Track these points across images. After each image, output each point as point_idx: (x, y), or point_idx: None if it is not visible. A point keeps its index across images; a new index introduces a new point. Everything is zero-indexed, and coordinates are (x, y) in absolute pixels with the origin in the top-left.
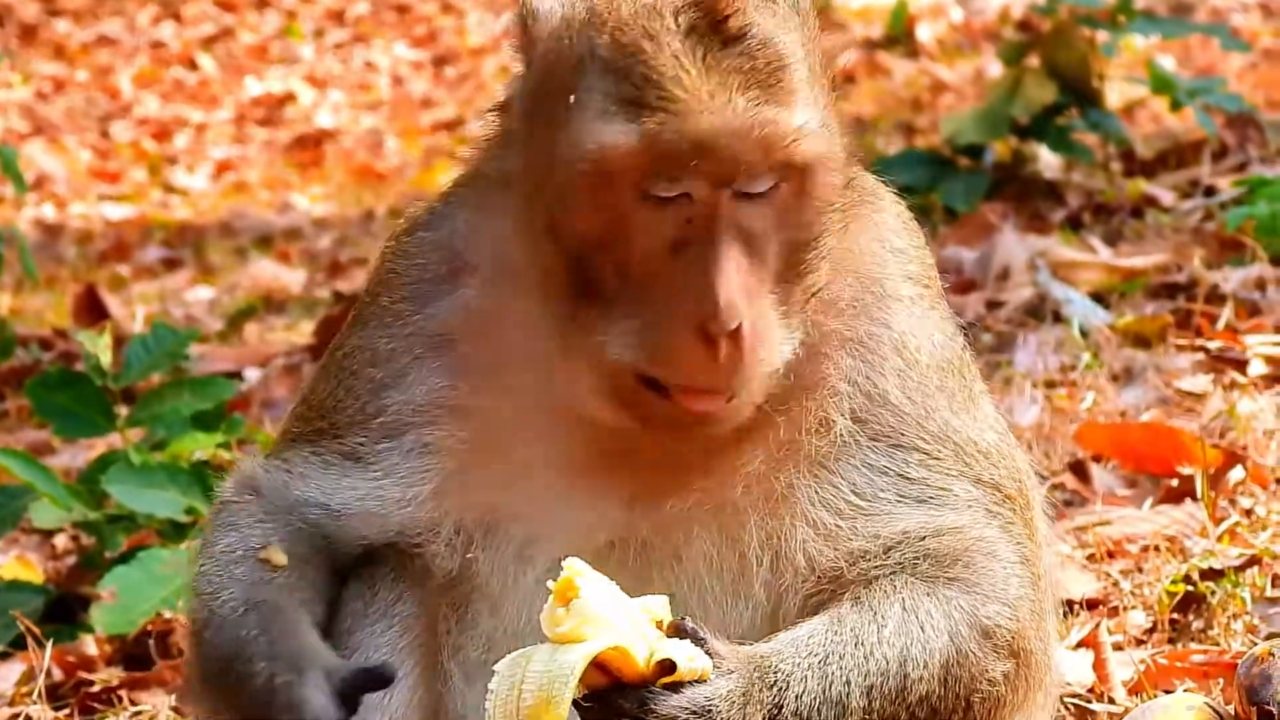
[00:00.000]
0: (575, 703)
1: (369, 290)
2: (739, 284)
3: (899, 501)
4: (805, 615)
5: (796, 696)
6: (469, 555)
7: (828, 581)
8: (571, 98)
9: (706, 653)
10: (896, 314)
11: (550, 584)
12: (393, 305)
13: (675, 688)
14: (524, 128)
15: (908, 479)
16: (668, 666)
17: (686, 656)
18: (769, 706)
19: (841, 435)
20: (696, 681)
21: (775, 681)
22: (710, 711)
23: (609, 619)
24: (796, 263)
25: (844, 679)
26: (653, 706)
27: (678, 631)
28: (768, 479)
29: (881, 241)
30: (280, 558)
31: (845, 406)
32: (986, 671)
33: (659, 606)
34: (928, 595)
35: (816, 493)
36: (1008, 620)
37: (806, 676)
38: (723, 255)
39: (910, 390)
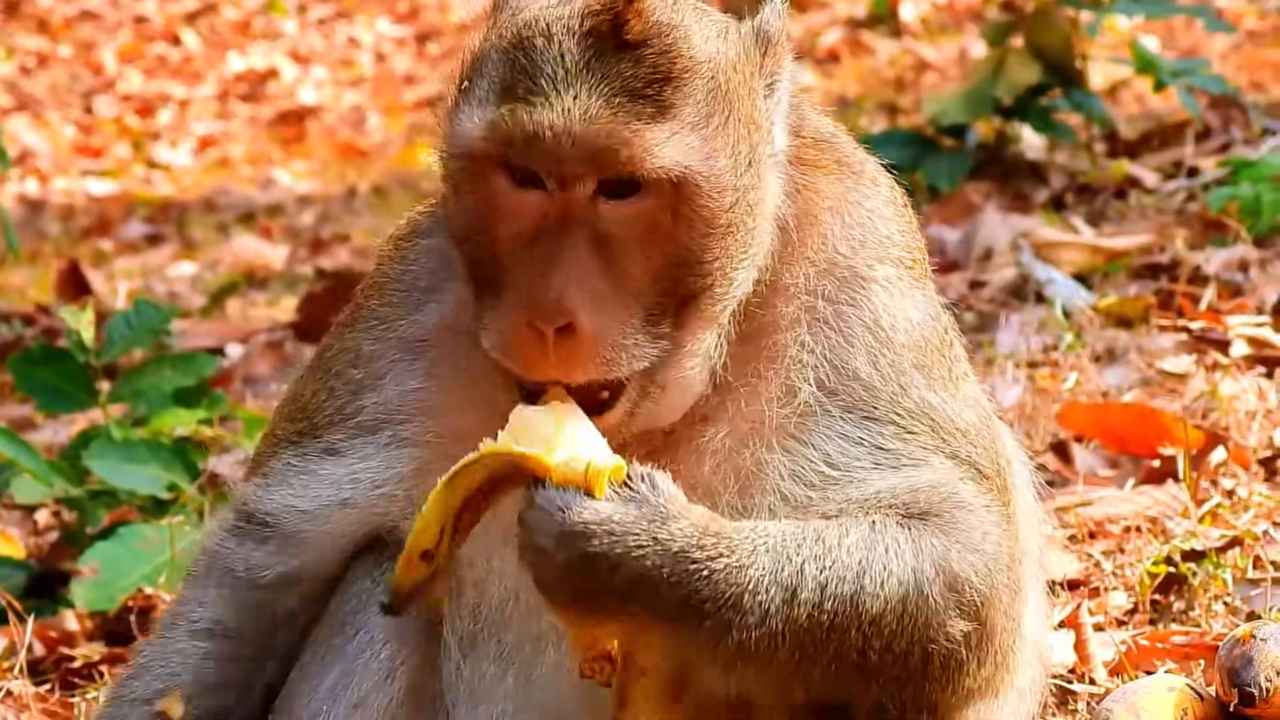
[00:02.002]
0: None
1: (363, 292)
2: (582, 284)
3: (874, 469)
4: None
5: (740, 567)
6: None
7: None
8: (466, 82)
9: (631, 479)
10: (870, 294)
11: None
12: (380, 309)
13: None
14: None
15: (883, 449)
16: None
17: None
18: (691, 562)
19: (809, 404)
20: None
21: (715, 544)
22: (616, 530)
23: (544, 434)
24: (675, 279)
25: (799, 566)
26: (561, 506)
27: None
28: (735, 455)
29: (864, 227)
30: (177, 710)
31: (810, 376)
32: (945, 624)
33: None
34: (900, 526)
35: (788, 467)
36: (979, 577)
37: (759, 551)
38: (566, 252)
39: (883, 367)
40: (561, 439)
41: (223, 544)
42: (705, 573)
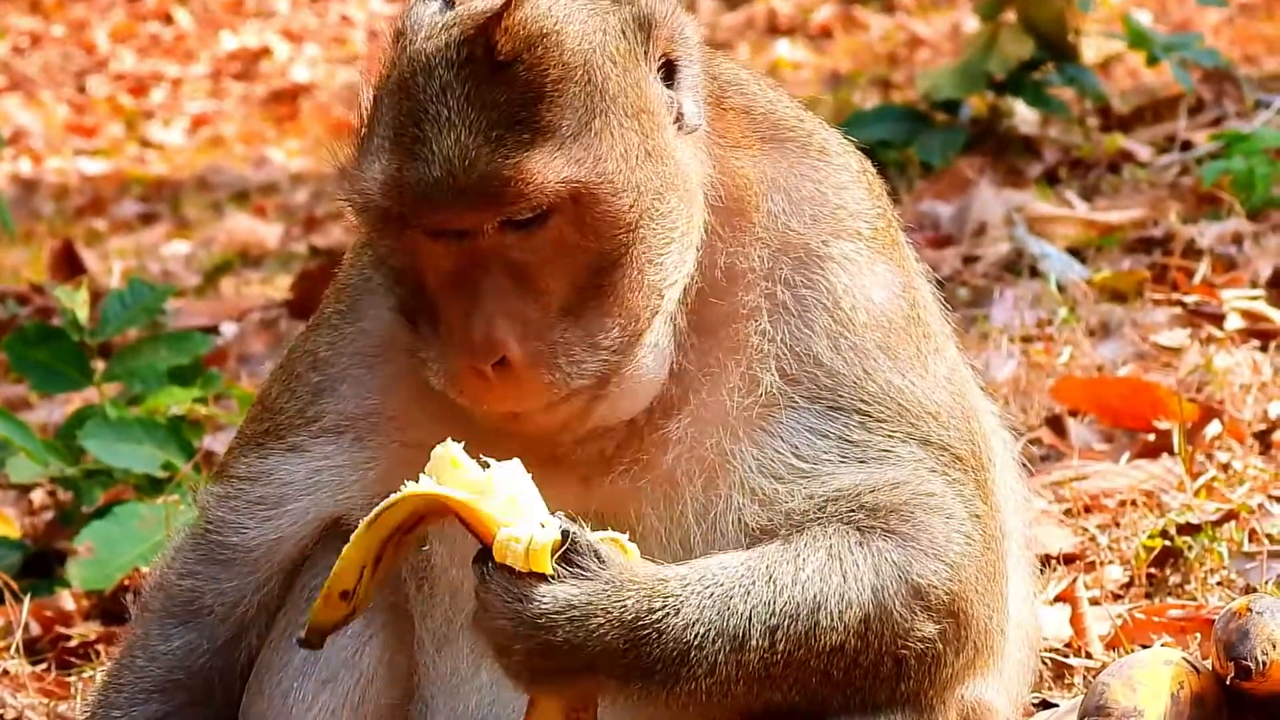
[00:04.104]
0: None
1: (326, 296)
2: (508, 316)
3: (841, 463)
4: None
5: (686, 625)
6: (424, 548)
7: (761, 535)
8: (365, 127)
9: (577, 553)
10: (827, 274)
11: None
12: (333, 316)
13: (538, 578)
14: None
15: (850, 442)
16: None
17: (541, 537)
18: (642, 628)
19: (773, 394)
20: (545, 577)
21: (663, 606)
22: (575, 615)
23: (473, 477)
24: (601, 286)
25: (746, 615)
26: (518, 596)
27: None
28: (699, 445)
29: (814, 201)
30: None
31: (772, 365)
32: (913, 631)
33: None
34: (859, 545)
35: (755, 459)
36: (944, 580)
37: (704, 606)
38: (486, 288)
39: (844, 350)
40: (493, 486)
41: (184, 573)
42: (655, 635)
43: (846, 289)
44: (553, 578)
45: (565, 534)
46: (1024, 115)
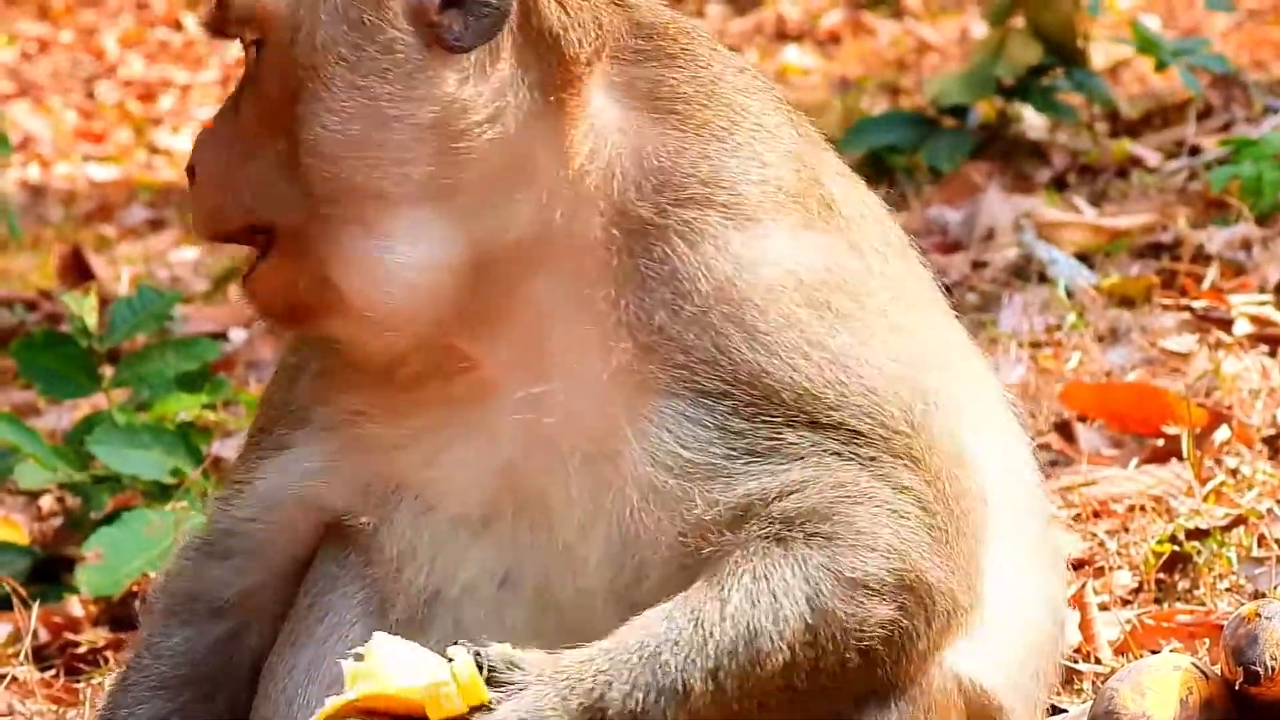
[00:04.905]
0: None
1: None
2: (215, 133)
3: (732, 457)
4: (666, 596)
5: (625, 696)
6: (380, 523)
7: (686, 557)
8: None
9: (493, 672)
10: (665, 244)
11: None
12: None
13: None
14: None
15: (732, 432)
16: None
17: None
18: (586, 712)
19: (630, 364)
20: (486, 706)
21: (594, 686)
22: None
23: (384, 670)
24: (285, 139)
25: (680, 666)
26: None
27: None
28: (577, 414)
29: (666, 171)
30: None
31: (624, 333)
32: (868, 619)
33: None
34: (783, 558)
35: (642, 449)
36: (879, 566)
37: (634, 670)
38: (222, 109)
39: (688, 323)
40: (379, 662)
41: (179, 570)
42: (600, 714)
43: (685, 258)
44: (491, 705)
45: (477, 657)
46: (1032, 121)
